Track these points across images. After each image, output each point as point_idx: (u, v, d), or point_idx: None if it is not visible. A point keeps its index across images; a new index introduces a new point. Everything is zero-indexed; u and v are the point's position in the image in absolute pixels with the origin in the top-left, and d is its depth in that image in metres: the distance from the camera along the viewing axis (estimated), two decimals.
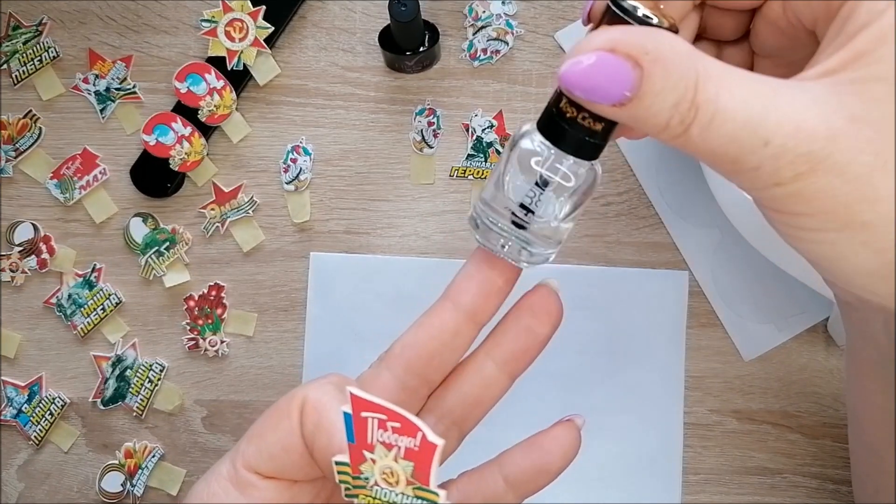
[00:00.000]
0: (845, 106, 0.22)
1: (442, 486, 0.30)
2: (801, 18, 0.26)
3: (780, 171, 0.22)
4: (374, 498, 0.23)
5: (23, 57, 0.51)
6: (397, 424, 0.21)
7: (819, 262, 0.24)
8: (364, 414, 0.22)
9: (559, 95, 0.25)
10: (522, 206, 0.26)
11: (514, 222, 0.27)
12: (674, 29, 0.23)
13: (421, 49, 0.50)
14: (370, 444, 0.22)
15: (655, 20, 0.23)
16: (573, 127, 0.25)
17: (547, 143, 0.25)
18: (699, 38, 0.29)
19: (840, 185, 0.22)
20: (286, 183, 0.51)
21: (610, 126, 0.25)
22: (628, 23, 0.23)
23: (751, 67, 0.30)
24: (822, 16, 0.25)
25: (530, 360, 0.31)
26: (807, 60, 0.27)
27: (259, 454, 0.27)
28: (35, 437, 0.50)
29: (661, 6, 0.24)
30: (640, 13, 0.23)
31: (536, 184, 0.26)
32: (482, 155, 0.51)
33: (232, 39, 0.50)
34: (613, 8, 0.23)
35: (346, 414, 0.22)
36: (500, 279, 0.29)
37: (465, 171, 0.51)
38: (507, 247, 0.27)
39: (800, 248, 0.24)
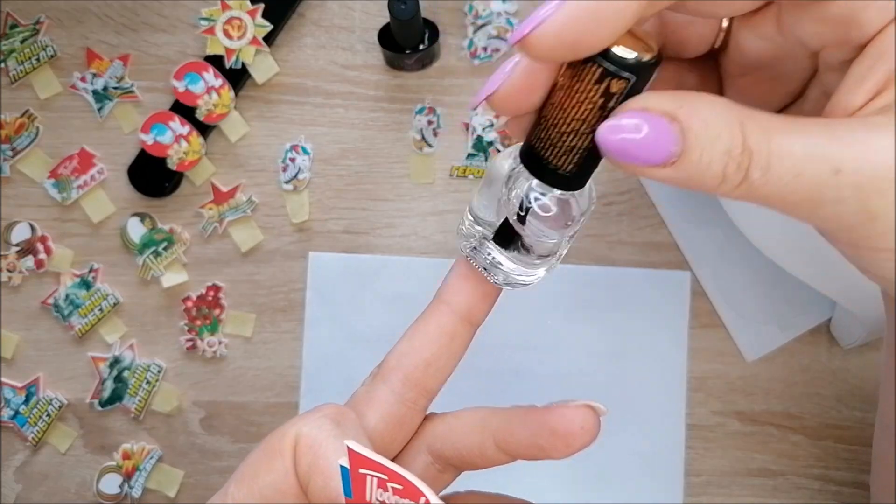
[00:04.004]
0: None
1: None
2: (805, 41, 0.24)
3: (868, 202, 0.21)
4: None
5: (20, 56, 0.51)
6: (399, 486, 0.20)
7: None
8: (363, 471, 0.21)
9: (536, 127, 0.24)
10: (497, 234, 0.26)
11: (495, 241, 0.26)
12: (659, 57, 0.22)
13: (421, 47, 0.49)
14: None
15: (632, 57, 0.21)
16: (544, 154, 0.23)
17: (524, 168, 0.24)
18: None
19: None
20: (285, 182, 0.51)
21: (580, 159, 0.23)
22: (598, 67, 0.21)
23: (720, 91, 0.28)
24: (836, 43, 0.23)
25: (534, 460, 0.28)
26: (798, 73, 0.26)
27: (251, 496, 0.25)
28: (32, 438, 0.50)
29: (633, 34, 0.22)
30: (615, 53, 0.21)
31: (514, 210, 0.25)
32: (482, 154, 0.51)
33: (230, 38, 0.50)
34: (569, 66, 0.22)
35: (342, 468, 0.21)
36: None
37: (465, 170, 0.51)
38: (488, 262, 0.27)
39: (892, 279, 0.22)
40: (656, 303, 0.51)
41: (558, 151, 0.23)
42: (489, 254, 0.27)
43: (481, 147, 0.51)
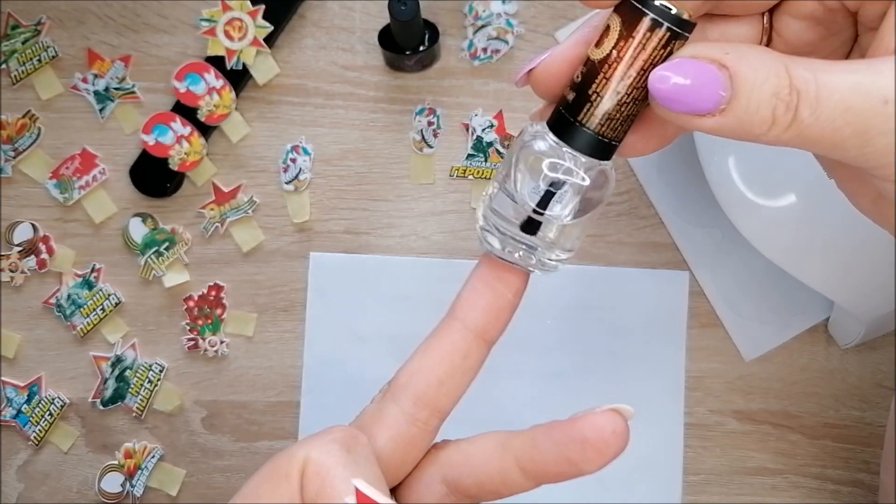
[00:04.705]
0: None
1: None
2: (845, 1, 0.25)
3: None
4: None
5: (21, 56, 0.51)
6: None
7: None
8: None
9: (575, 94, 0.24)
10: (534, 210, 0.25)
11: (523, 228, 0.26)
12: (694, 21, 0.23)
13: (421, 48, 0.50)
14: None
15: (681, 12, 0.22)
16: (592, 127, 0.24)
17: (558, 142, 0.25)
18: None
19: None
20: (285, 183, 0.51)
21: (629, 126, 0.24)
22: (644, 13, 0.22)
23: None
24: None
25: (561, 481, 0.27)
26: (843, 49, 0.26)
27: None
28: (34, 437, 0.50)
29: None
30: (664, 6, 0.22)
31: (549, 187, 0.25)
32: (482, 155, 0.51)
33: (231, 39, 0.50)
34: (632, 1, 0.23)
35: None
36: (510, 292, 0.27)
37: (465, 170, 0.51)
38: (518, 254, 0.26)
39: None
40: (655, 303, 0.51)
41: (614, 123, 0.24)
42: (519, 241, 0.26)
43: (481, 148, 0.51)
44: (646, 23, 0.23)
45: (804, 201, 0.43)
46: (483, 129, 0.51)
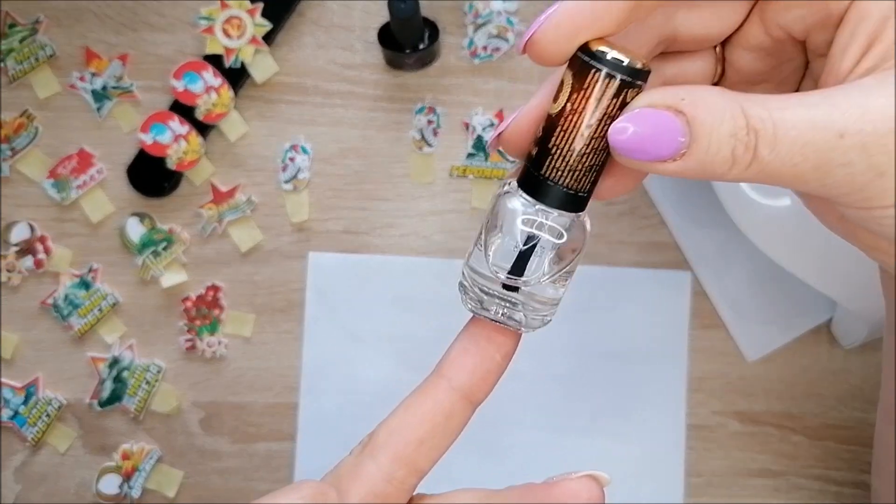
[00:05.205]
0: None
1: None
2: (791, 29, 0.26)
3: (874, 158, 0.21)
4: None
5: (19, 55, 0.51)
6: None
7: None
8: None
9: (538, 149, 0.24)
10: (512, 268, 0.25)
11: (504, 286, 0.26)
12: (647, 69, 0.23)
13: (421, 47, 0.49)
14: None
15: (631, 61, 0.23)
16: (556, 180, 0.24)
17: (528, 199, 0.25)
18: None
19: None
20: (284, 182, 0.51)
21: (595, 176, 0.24)
22: (593, 67, 0.23)
23: None
24: (819, 23, 0.25)
25: None
26: (794, 75, 0.28)
27: None
28: (32, 438, 0.50)
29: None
30: (609, 57, 0.23)
31: (523, 245, 0.25)
32: (482, 154, 0.51)
33: (229, 37, 0.50)
34: (581, 56, 0.23)
35: None
36: (499, 354, 0.27)
37: (465, 169, 0.51)
38: (501, 313, 0.26)
39: None
40: (657, 303, 0.51)
41: (578, 174, 0.24)
42: (500, 298, 0.26)
43: (481, 147, 0.51)
44: (597, 76, 0.23)
45: None
46: (483, 128, 0.51)
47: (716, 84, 0.29)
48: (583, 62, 0.23)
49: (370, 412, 0.51)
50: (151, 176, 0.50)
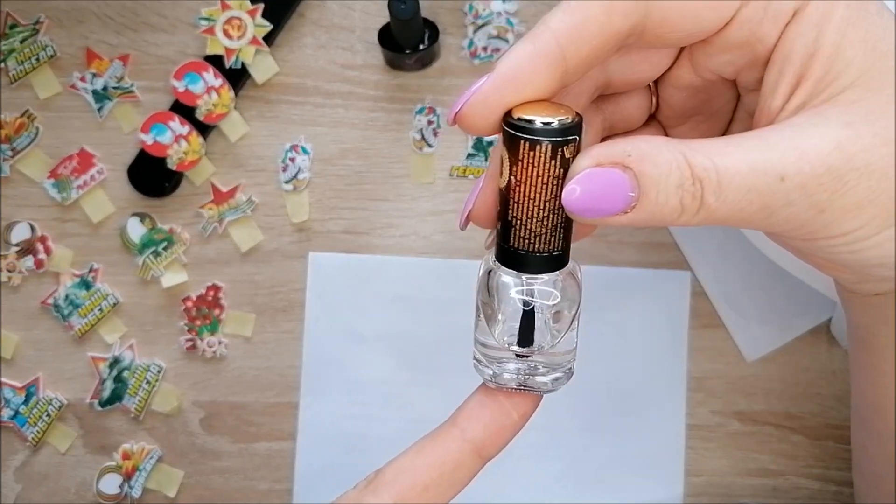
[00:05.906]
0: (831, 119, 0.23)
1: None
2: (721, 72, 0.27)
3: (814, 197, 0.23)
4: None
5: (20, 55, 0.51)
6: None
7: (864, 266, 0.24)
8: None
9: (501, 223, 0.25)
10: (520, 340, 0.26)
11: (518, 355, 0.26)
12: (576, 120, 0.23)
13: (421, 47, 0.49)
14: None
15: (556, 121, 0.23)
16: (527, 249, 0.25)
17: (509, 272, 0.25)
18: (609, 138, 0.29)
19: (876, 183, 0.22)
20: (284, 182, 0.51)
21: (564, 232, 0.25)
22: (519, 137, 0.23)
23: None
24: (747, 65, 0.26)
25: None
26: (727, 106, 0.29)
27: None
28: (32, 438, 0.50)
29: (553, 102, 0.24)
30: (535, 123, 0.23)
31: (524, 314, 0.25)
32: (483, 154, 0.51)
33: (230, 37, 0.50)
34: (507, 129, 0.23)
35: None
36: (517, 412, 0.27)
37: (465, 170, 0.51)
38: (521, 381, 0.27)
39: (850, 261, 0.25)
40: (656, 303, 0.51)
41: (545, 237, 0.24)
42: (517, 368, 0.26)
43: (481, 147, 0.51)
44: (526, 145, 0.23)
45: None
46: None
47: (652, 115, 0.30)
48: (511, 135, 0.23)
49: (370, 412, 0.52)
50: (152, 176, 0.51)
